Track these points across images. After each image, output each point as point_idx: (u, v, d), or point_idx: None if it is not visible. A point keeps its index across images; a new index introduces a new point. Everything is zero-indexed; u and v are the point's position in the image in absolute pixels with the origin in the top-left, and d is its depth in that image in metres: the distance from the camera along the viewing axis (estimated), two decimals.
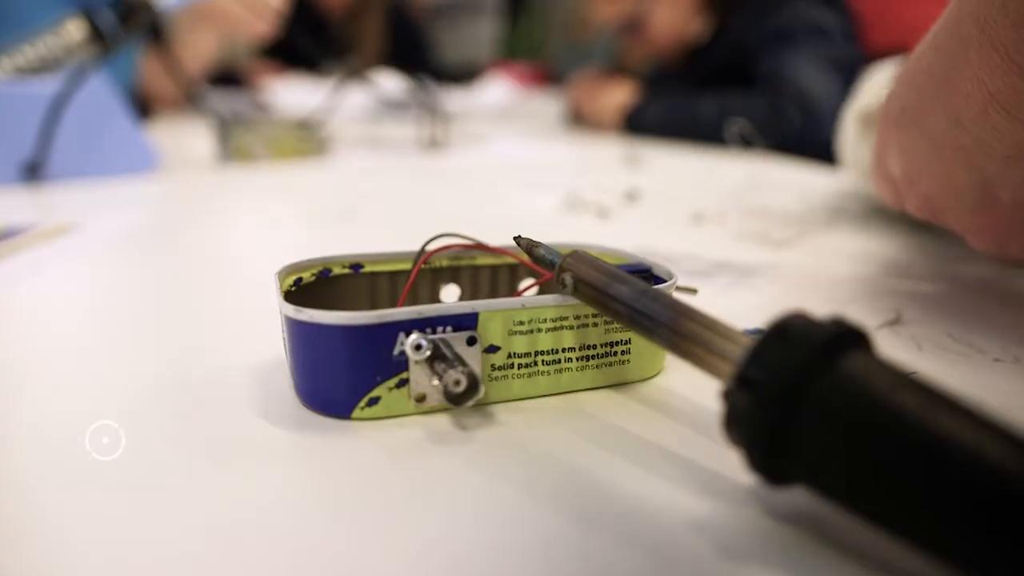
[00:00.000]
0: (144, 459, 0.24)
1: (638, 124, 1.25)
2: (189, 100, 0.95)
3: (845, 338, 0.19)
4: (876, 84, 0.58)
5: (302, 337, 0.26)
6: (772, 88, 1.13)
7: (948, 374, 0.32)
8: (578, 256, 0.28)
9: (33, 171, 0.73)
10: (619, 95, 1.32)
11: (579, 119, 1.46)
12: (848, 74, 1.19)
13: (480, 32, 3.13)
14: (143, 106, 1.32)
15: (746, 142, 0.61)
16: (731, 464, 0.23)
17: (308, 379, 0.27)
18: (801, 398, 0.18)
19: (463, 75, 2.72)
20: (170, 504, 0.22)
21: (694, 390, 0.29)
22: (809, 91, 1.11)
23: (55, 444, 0.25)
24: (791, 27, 1.17)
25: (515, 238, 0.32)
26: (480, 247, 0.33)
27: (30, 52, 0.82)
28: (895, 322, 0.38)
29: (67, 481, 0.23)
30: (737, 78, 1.23)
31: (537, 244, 0.31)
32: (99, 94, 0.79)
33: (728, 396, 0.20)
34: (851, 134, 0.59)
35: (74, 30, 0.83)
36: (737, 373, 0.20)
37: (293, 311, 0.26)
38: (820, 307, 0.40)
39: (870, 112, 0.56)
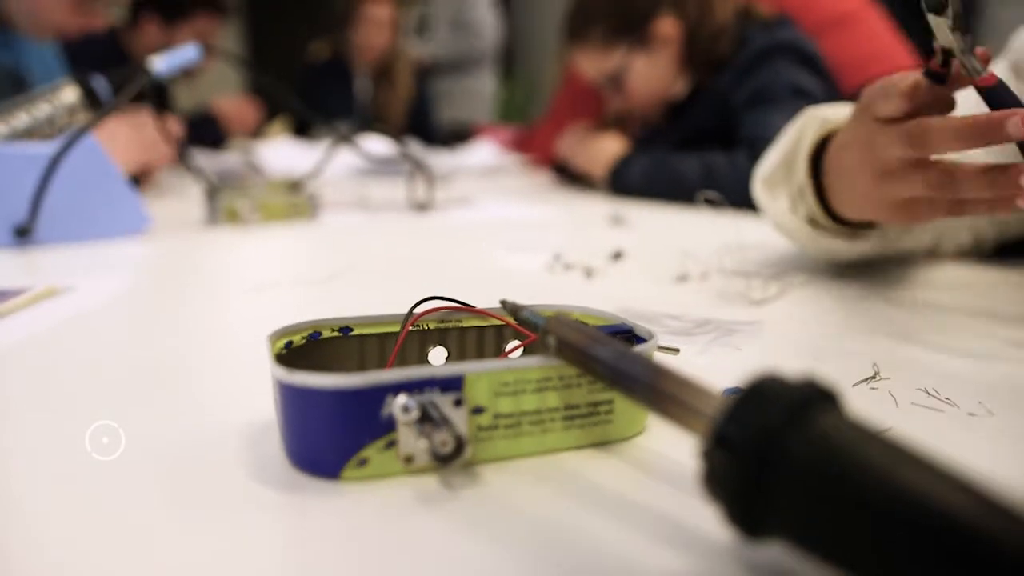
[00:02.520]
0: (134, 517, 0.24)
1: (623, 180, 1.26)
2: (181, 161, 0.96)
3: (816, 398, 0.20)
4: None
5: (292, 399, 0.27)
6: (754, 148, 1.15)
7: (924, 429, 0.33)
8: (561, 319, 0.29)
9: (23, 233, 0.74)
10: (612, 146, 1.34)
11: (566, 174, 1.48)
12: None
13: (479, 89, 3.17)
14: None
15: (714, 204, 0.64)
16: (711, 520, 0.23)
17: (298, 440, 0.28)
18: (774, 457, 0.19)
19: (453, 137, 2.77)
20: (161, 564, 0.22)
21: (675, 448, 0.30)
22: None
23: (44, 503, 0.25)
24: (772, 87, 1.20)
25: (501, 302, 0.33)
26: (467, 310, 0.34)
27: (25, 116, 0.83)
28: (873, 378, 0.39)
29: (56, 540, 0.23)
30: (719, 135, 1.25)
31: (522, 307, 0.32)
32: (94, 156, 0.80)
33: (706, 454, 0.21)
34: (760, 200, 0.66)
35: (69, 95, 0.85)
36: (714, 433, 0.20)
37: (283, 374, 0.27)
38: (800, 364, 0.41)
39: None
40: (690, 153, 1.21)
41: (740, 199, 1.09)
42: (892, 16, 1.66)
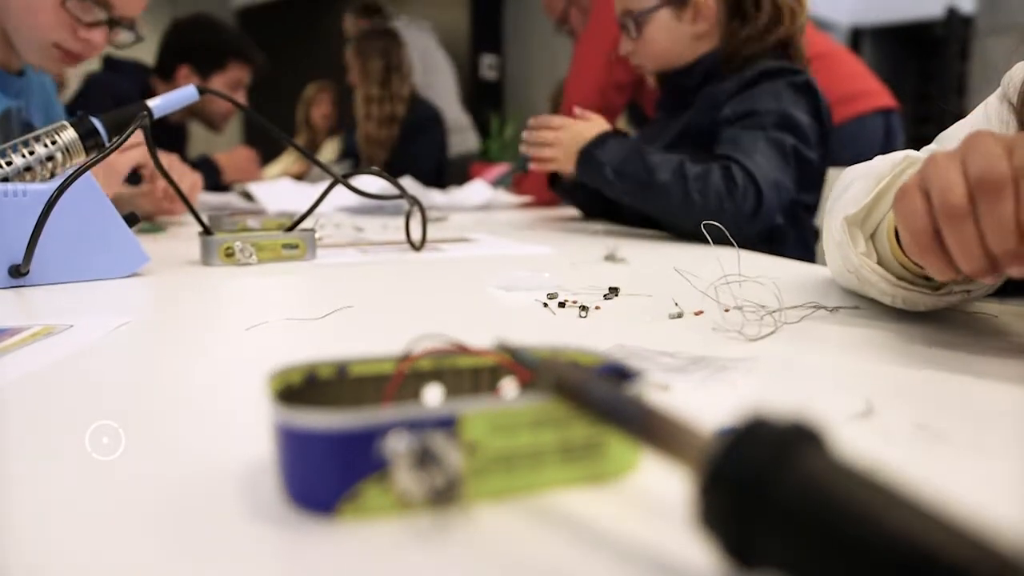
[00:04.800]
0: (130, 553, 0.25)
1: (593, 162, 1.23)
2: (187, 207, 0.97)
3: (802, 438, 0.20)
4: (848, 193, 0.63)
5: (288, 438, 0.27)
6: (728, 169, 1.14)
7: (917, 463, 0.33)
8: (555, 358, 0.29)
9: (18, 272, 0.74)
10: (591, 129, 1.29)
11: (561, 188, 1.49)
12: (804, 171, 1.21)
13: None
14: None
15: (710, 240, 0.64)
16: (705, 555, 0.24)
17: (294, 478, 0.28)
18: (760, 499, 0.19)
19: (448, 176, 2.79)
20: None
21: (668, 483, 0.30)
22: (755, 173, 1.13)
23: (40, 539, 0.25)
24: (762, 112, 1.19)
25: (496, 342, 0.33)
26: (462, 350, 0.35)
27: (22, 157, 0.84)
28: (866, 413, 0.39)
29: None
30: (711, 137, 1.25)
31: (516, 347, 0.32)
32: (90, 196, 0.81)
33: (697, 494, 0.21)
34: (838, 237, 0.62)
35: (68, 135, 0.86)
36: (704, 473, 0.21)
37: (280, 413, 0.27)
38: (794, 400, 0.41)
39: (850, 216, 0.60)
40: (669, 153, 1.21)
41: (699, 213, 1.10)
42: (869, 60, 1.71)
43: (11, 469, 0.33)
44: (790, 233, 1.27)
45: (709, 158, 1.18)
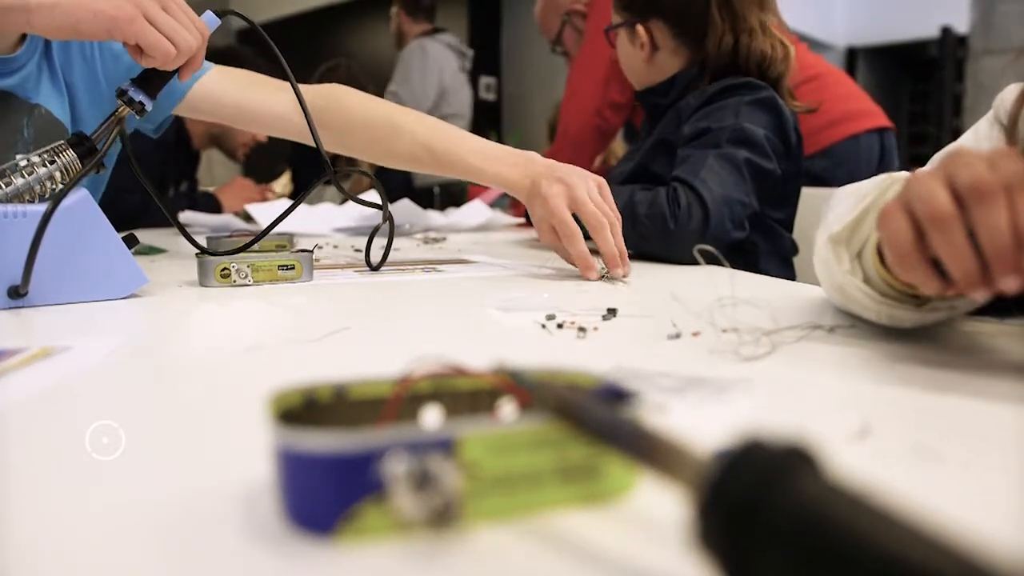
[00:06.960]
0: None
1: None
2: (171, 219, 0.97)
3: (798, 461, 0.20)
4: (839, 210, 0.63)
5: (288, 459, 0.28)
6: (676, 191, 1.15)
7: (912, 485, 0.33)
8: (553, 380, 0.29)
9: (16, 293, 0.74)
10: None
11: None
12: (765, 184, 1.21)
13: None
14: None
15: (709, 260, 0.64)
16: (702, 575, 0.24)
17: (293, 499, 0.28)
18: (757, 518, 0.20)
19: (446, 197, 2.79)
20: None
21: (666, 504, 0.30)
22: (700, 190, 1.13)
23: (38, 562, 0.25)
24: (717, 130, 1.19)
25: (495, 364, 0.33)
26: (460, 372, 0.35)
27: (22, 178, 0.84)
28: (863, 433, 0.39)
29: None
30: (672, 152, 1.26)
31: (515, 368, 0.32)
32: (90, 216, 0.81)
33: (695, 514, 0.21)
34: (823, 255, 0.63)
35: (67, 156, 0.86)
36: (701, 493, 0.21)
37: (279, 435, 0.27)
38: (791, 421, 0.41)
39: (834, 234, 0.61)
40: (630, 184, 1.24)
41: (652, 235, 1.12)
42: (864, 80, 1.72)
43: (10, 490, 0.33)
44: (762, 246, 1.27)
45: (663, 180, 1.20)
